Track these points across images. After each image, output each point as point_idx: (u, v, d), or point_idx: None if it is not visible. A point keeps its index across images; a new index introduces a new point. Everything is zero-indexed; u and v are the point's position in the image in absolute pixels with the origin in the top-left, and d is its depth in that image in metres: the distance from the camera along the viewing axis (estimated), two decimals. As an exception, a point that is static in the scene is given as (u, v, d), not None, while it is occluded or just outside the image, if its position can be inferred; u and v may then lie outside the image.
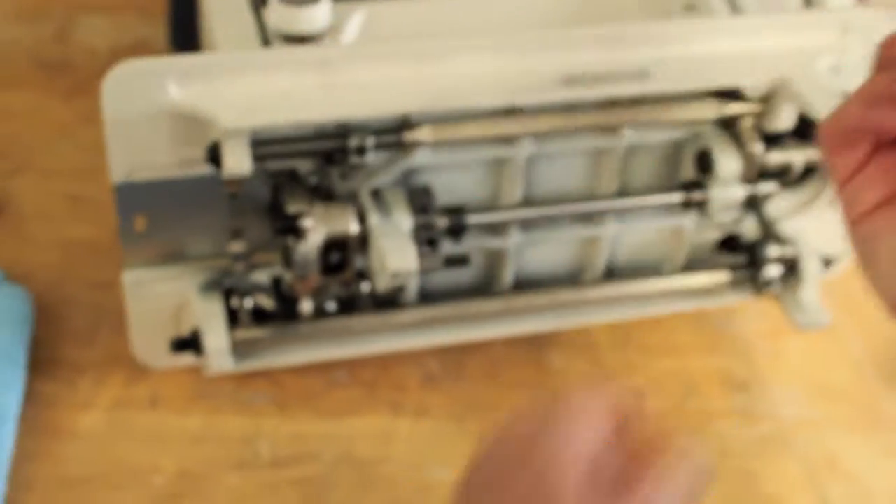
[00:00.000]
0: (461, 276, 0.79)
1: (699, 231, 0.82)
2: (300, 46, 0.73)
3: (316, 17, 0.75)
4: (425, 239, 0.72)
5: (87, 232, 0.88)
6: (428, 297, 0.79)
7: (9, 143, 0.96)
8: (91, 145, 0.95)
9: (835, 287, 0.85)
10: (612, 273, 0.83)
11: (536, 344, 0.83)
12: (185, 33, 1.04)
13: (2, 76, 1.03)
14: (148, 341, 0.77)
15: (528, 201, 0.77)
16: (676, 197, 0.77)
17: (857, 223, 0.52)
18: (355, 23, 0.80)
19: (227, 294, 0.75)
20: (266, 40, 0.77)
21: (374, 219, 0.71)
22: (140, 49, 1.10)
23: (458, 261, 0.74)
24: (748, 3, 0.81)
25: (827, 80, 0.73)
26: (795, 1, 0.85)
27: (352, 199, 0.72)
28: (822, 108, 0.71)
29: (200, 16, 0.86)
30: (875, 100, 0.51)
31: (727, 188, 0.76)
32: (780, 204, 0.81)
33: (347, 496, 0.73)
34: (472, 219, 0.74)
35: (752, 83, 0.74)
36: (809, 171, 0.81)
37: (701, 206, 0.77)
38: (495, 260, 0.80)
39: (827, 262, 0.83)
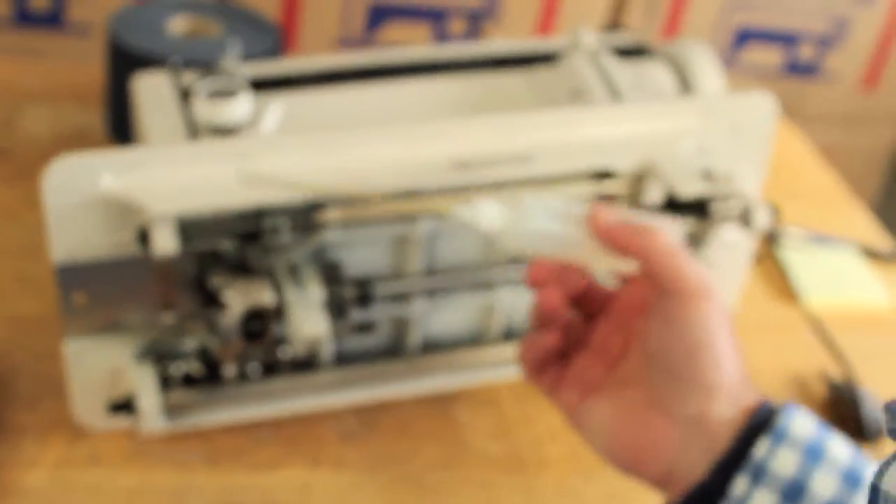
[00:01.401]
0: (373, 339, 0.87)
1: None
2: (220, 140, 0.82)
3: (237, 110, 0.84)
4: (336, 308, 0.79)
5: (33, 307, 0.95)
6: (343, 359, 0.87)
7: (-43, 226, 1.03)
8: (35, 226, 1.02)
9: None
10: (511, 334, 0.91)
11: (444, 400, 0.91)
12: (121, 122, 1.12)
13: (-50, 163, 1.11)
14: (87, 405, 0.83)
15: (430, 271, 0.85)
16: (563, 265, 0.86)
17: (571, 418, 0.71)
18: (275, 112, 0.88)
19: (159, 360, 0.82)
20: (193, 131, 0.85)
21: (289, 291, 0.79)
22: (79, 136, 1.17)
23: (365, 327, 0.82)
24: (627, 90, 0.91)
25: (690, 161, 0.82)
26: (670, 86, 0.95)
27: (269, 273, 0.80)
28: (684, 186, 0.80)
29: (132, 108, 0.93)
30: (531, 337, 0.72)
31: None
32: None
33: (271, 542, 0.80)
34: (379, 289, 0.82)
35: (623, 164, 0.83)
36: (681, 240, 0.90)
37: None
38: (403, 325, 0.88)
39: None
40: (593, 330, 0.71)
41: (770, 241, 1.08)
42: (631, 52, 0.98)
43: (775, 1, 1.84)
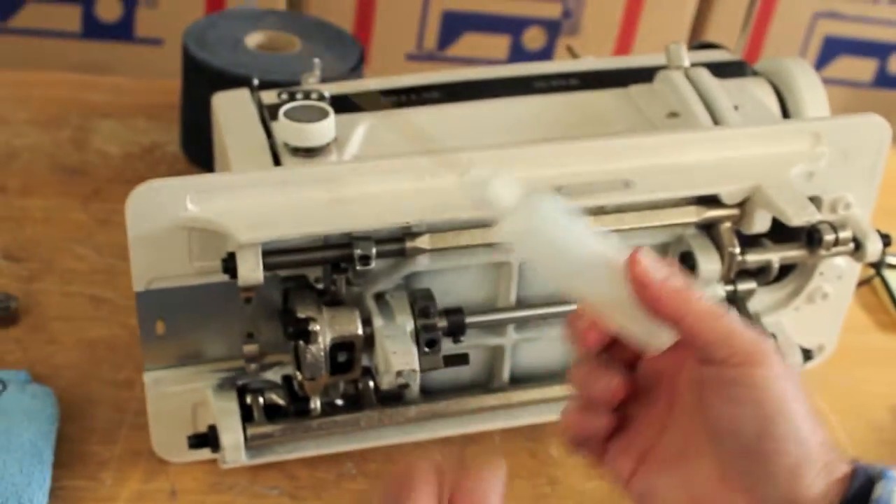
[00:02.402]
0: (462, 371, 0.84)
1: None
2: (307, 164, 0.79)
3: (322, 132, 0.81)
4: (426, 340, 0.76)
5: (107, 332, 0.93)
6: (430, 392, 0.83)
7: (30, 247, 1.01)
8: (108, 247, 1.00)
9: (814, 376, 0.90)
10: (604, 366, 0.87)
11: (534, 435, 0.88)
12: (197, 139, 1.10)
13: (23, 181, 1.09)
14: (167, 437, 0.81)
15: (522, 302, 0.82)
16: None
17: (631, 494, 0.62)
18: (359, 134, 0.85)
19: (241, 392, 0.79)
20: (275, 152, 0.82)
21: (378, 321, 0.76)
22: (153, 153, 1.15)
23: (457, 360, 0.78)
24: (727, 111, 0.87)
25: (799, 187, 0.78)
26: (773, 110, 0.91)
27: (357, 302, 0.77)
28: (794, 213, 0.76)
29: (213, 126, 0.91)
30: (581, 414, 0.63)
31: (709, 287, 0.81)
32: (761, 300, 0.85)
33: (356, 583, 0.77)
34: (471, 320, 0.78)
35: (729, 190, 0.79)
36: (787, 270, 0.86)
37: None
38: (493, 356, 0.84)
39: (807, 354, 0.87)
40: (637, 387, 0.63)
41: (874, 267, 1.04)
42: (727, 71, 0.94)
43: (864, 10, 1.78)
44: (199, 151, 1.11)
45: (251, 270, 0.71)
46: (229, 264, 0.72)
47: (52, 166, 1.12)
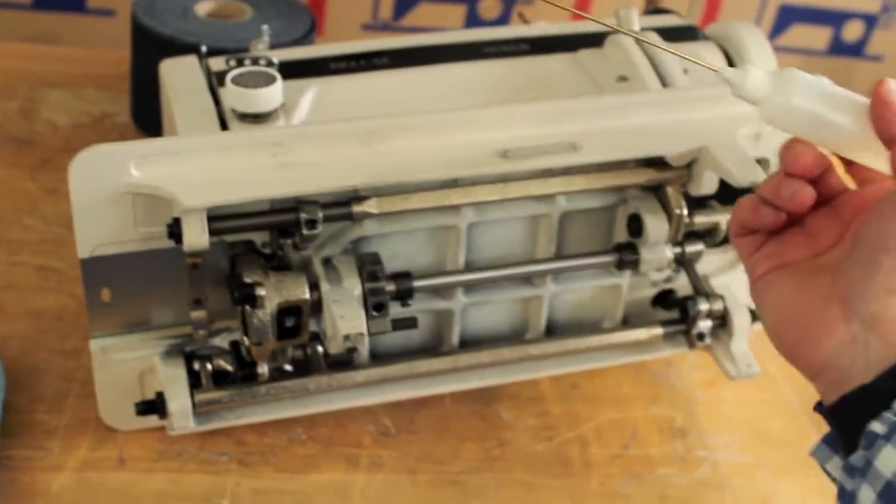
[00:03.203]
0: (410, 336, 0.84)
1: (634, 288, 0.87)
2: (254, 128, 0.78)
3: (269, 98, 0.80)
4: (374, 304, 0.76)
5: (55, 302, 0.92)
6: (379, 356, 0.83)
7: (-22, 217, 1.00)
8: (56, 217, 1.00)
9: (763, 338, 0.90)
10: (555, 329, 0.88)
11: (484, 398, 0.88)
12: (147, 108, 1.09)
13: (-29, 152, 1.08)
14: (114, 405, 0.80)
15: (471, 265, 0.82)
16: (610, 258, 0.82)
17: (753, 284, 0.67)
18: (307, 99, 0.85)
19: (189, 358, 0.79)
20: (223, 118, 0.82)
21: (325, 286, 0.75)
22: (102, 123, 1.14)
23: (406, 324, 0.78)
24: (676, 74, 0.87)
25: (745, 149, 0.78)
26: (719, 71, 0.91)
27: (304, 267, 0.77)
28: (740, 174, 0.76)
29: (161, 93, 0.90)
30: (756, 205, 0.66)
31: (657, 249, 0.81)
32: (709, 262, 0.86)
33: (306, 548, 0.77)
34: (419, 283, 0.78)
35: (675, 152, 0.79)
36: (734, 231, 0.86)
37: (634, 265, 0.82)
38: (442, 320, 0.84)
39: (755, 315, 0.87)
40: (815, 215, 0.66)
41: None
42: (677, 35, 0.94)
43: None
44: (149, 120, 1.10)
45: (197, 236, 0.71)
46: (174, 230, 0.71)
47: (1, 137, 1.11)
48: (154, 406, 0.78)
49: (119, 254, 0.75)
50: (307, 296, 0.75)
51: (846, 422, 0.61)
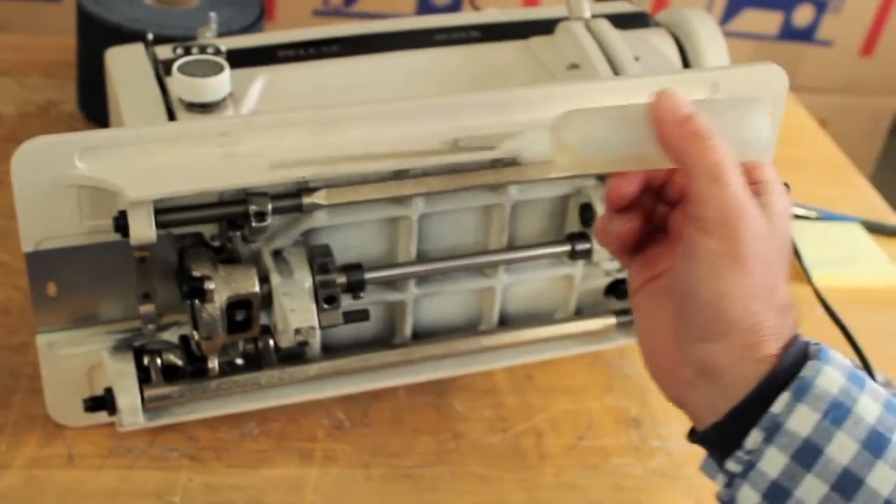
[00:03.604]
0: (363, 328, 0.83)
1: (587, 279, 0.86)
2: (201, 117, 0.77)
3: (216, 87, 0.79)
4: (325, 296, 0.75)
5: (0, 295, 0.90)
6: (331, 349, 0.83)
7: (-79, 208, 0.97)
8: (1, 208, 0.97)
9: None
10: (508, 320, 0.87)
11: (438, 390, 0.87)
12: (93, 97, 1.07)
13: (-87, 142, 1.05)
14: (62, 401, 0.79)
15: (423, 256, 0.81)
16: (563, 248, 0.82)
17: (631, 301, 0.67)
18: (256, 88, 0.83)
19: (138, 353, 0.78)
20: (170, 108, 0.80)
21: (275, 279, 0.75)
22: (49, 112, 1.12)
23: (357, 316, 0.77)
24: (627, 62, 0.86)
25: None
26: (674, 60, 0.91)
27: (254, 260, 0.76)
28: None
29: (107, 82, 0.89)
30: (604, 230, 0.67)
31: (610, 238, 0.81)
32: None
33: (259, 544, 0.76)
34: (370, 275, 0.77)
35: (628, 141, 0.78)
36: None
37: (587, 255, 0.82)
38: (394, 312, 0.84)
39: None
40: (674, 214, 0.66)
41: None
42: (628, 22, 0.93)
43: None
44: (96, 109, 1.08)
45: (143, 229, 0.70)
46: (121, 223, 0.70)
47: (-57, 126, 1.09)
48: (103, 402, 0.76)
49: (65, 247, 0.73)
50: (257, 289, 0.74)
51: (711, 453, 0.62)
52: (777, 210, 0.61)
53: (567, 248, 0.82)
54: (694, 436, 0.63)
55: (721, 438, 0.60)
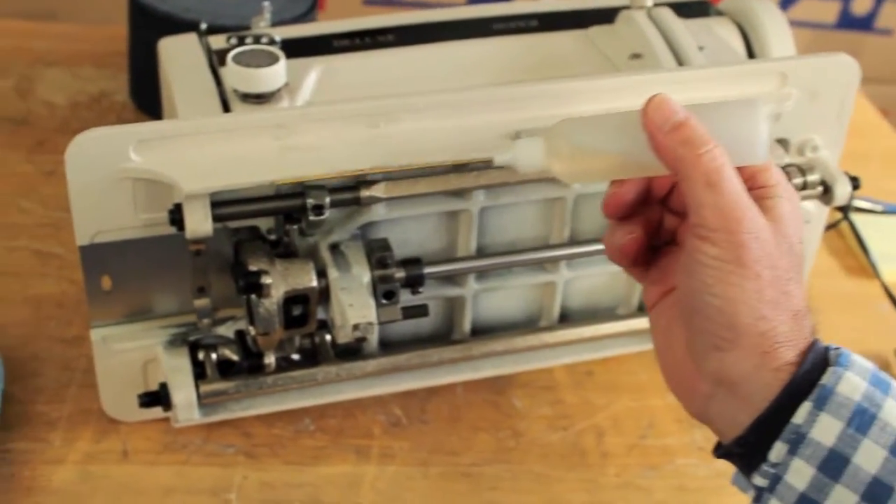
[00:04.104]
0: (421, 324, 0.81)
1: (650, 273, 0.84)
2: (256, 109, 0.75)
3: (272, 77, 0.78)
4: (384, 291, 0.73)
5: (55, 288, 0.90)
6: (389, 345, 0.81)
7: (-27, 201, 0.97)
8: (54, 200, 0.97)
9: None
10: (569, 316, 0.85)
11: (497, 387, 0.85)
12: (145, 87, 1.06)
13: (-36, 133, 1.05)
14: (117, 396, 0.78)
15: (483, 251, 0.79)
16: (627, 242, 0.80)
17: (649, 316, 0.65)
18: (311, 79, 0.82)
19: (193, 348, 0.76)
20: (224, 99, 0.79)
21: (333, 273, 0.73)
22: (100, 102, 1.12)
23: (417, 311, 0.76)
24: (691, 52, 0.84)
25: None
26: (738, 50, 0.88)
27: (311, 254, 0.74)
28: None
29: (160, 73, 0.87)
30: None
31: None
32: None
33: (315, 543, 0.75)
34: (429, 270, 0.76)
35: (694, 132, 0.76)
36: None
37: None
38: (453, 308, 0.82)
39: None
40: (682, 229, 0.64)
41: (841, 210, 1.02)
42: (690, 11, 0.91)
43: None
44: (148, 100, 1.07)
45: (199, 222, 0.69)
46: (176, 216, 0.69)
47: (-5, 117, 1.08)
48: (158, 397, 0.75)
49: (119, 241, 0.72)
50: (314, 284, 0.72)
51: (738, 467, 0.60)
52: (783, 213, 0.59)
53: (630, 242, 0.80)
54: (719, 450, 0.61)
55: (745, 452, 0.58)
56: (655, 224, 0.64)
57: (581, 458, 0.81)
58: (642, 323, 0.84)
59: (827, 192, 0.80)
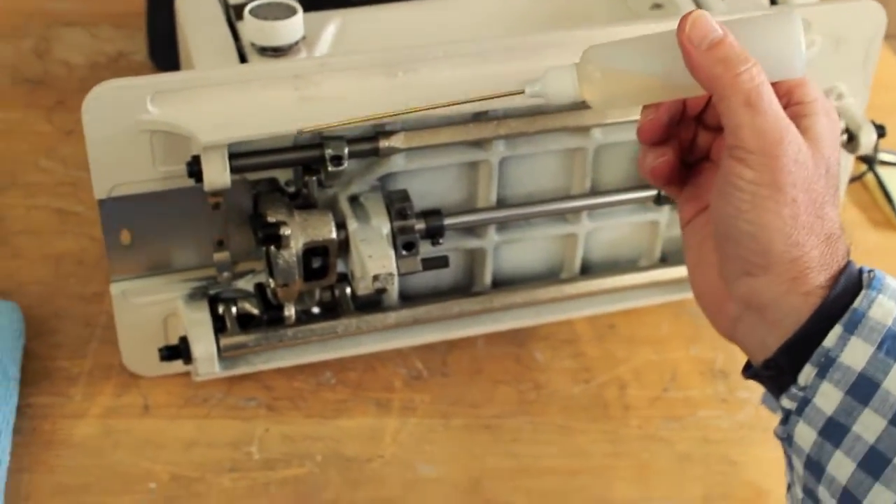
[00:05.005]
0: (442, 276, 0.81)
1: (673, 224, 0.83)
2: (274, 61, 0.75)
3: (289, 30, 0.77)
4: (404, 242, 0.73)
5: (75, 245, 0.90)
6: (409, 297, 0.81)
7: (-8, 160, 0.97)
8: (73, 159, 0.97)
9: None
10: (591, 268, 0.85)
11: (517, 339, 0.85)
12: (164, 46, 1.05)
13: (-18, 94, 1.05)
14: (137, 350, 0.78)
15: (503, 202, 0.79)
16: (648, 193, 0.79)
17: (682, 234, 0.64)
18: (329, 32, 0.81)
19: (213, 302, 0.76)
20: (242, 53, 0.78)
21: (353, 224, 0.73)
22: (119, 63, 1.11)
23: (437, 263, 0.75)
24: (713, 2, 0.83)
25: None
26: (762, -2, 0.87)
27: (331, 205, 0.74)
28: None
29: (177, 28, 0.87)
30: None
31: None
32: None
33: (337, 495, 0.74)
34: (450, 221, 0.75)
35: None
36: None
37: (673, 201, 0.79)
38: (474, 260, 0.81)
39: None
40: (717, 146, 0.63)
41: (866, 162, 1.01)
42: (712, -42, 0.90)
43: None
44: (167, 60, 1.06)
45: (217, 174, 0.68)
46: (194, 168, 0.69)
47: (14, 78, 1.08)
48: (178, 351, 0.76)
49: (138, 194, 0.72)
50: (334, 235, 0.72)
51: (767, 388, 0.60)
52: (821, 131, 0.57)
53: (652, 192, 0.79)
54: (748, 371, 0.60)
55: (774, 375, 0.58)
56: (688, 143, 0.63)
57: (603, 411, 0.81)
58: (664, 274, 0.83)
59: (852, 141, 0.79)
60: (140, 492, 0.74)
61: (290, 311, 0.76)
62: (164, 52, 1.08)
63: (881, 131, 0.79)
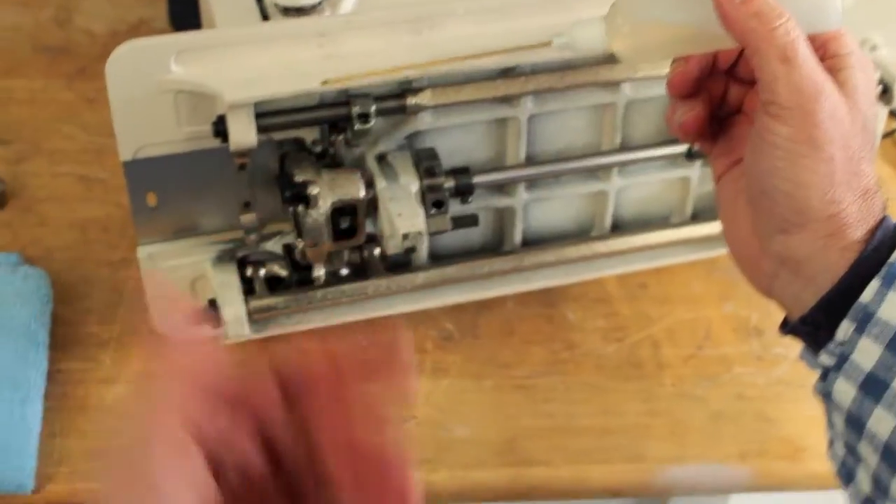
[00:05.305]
0: (471, 235, 0.80)
1: (705, 180, 0.82)
2: (298, 18, 0.74)
3: (313, -11, 0.76)
4: (433, 201, 0.72)
5: (100, 212, 0.89)
6: (438, 257, 0.80)
7: (15, 128, 0.96)
8: (96, 126, 0.96)
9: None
10: (621, 225, 0.83)
11: (549, 299, 0.84)
12: (186, 12, 1.05)
13: (4, 62, 1.04)
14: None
15: (532, 159, 0.78)
16: (679, 148, 0.78)
17: (716, 188, 0.62)
18: (352, -8, 0.80)
19: (241, 264, 0.76)
20: (264, 14, 0.77)
21: (381, 183, 0.72)
22: (140, 30, 1.10)
23: (466, 221, 0.75)
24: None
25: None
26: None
27: (358, 164, 0.73)
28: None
29: (200, -8, 0.86)
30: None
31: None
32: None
33: (370, 457, 0.74)
34: (479, 179, 0.74)
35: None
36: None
37: (704, 155, 0.78)
38: (503, 218, 0.80)
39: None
40: (750, 99, 0.61)
41: (897, 116, 0.99)
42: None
43: None
44: (188, 26, 1.05)
45: (243, 133, 0.67)
46: (220, 127, 0.68)
47: (35, 46, 1.07)
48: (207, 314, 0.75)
49: (163, 155, 0.71)
50: (362, 194, 0.71)
51: (806, 343, 0.59)
52: (856, 84, 0.56)
53: (683, 148, 0.78)
54: (785, 327, 0.60)
55: (811, 330, 0.57)
56: (719, 96, 0.62)
57: (636, 370, 0.80)
58: (696, 231, 0.82)
59: (886, 93, 0.78)
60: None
61: (319, 272, 0.75)
62: (184, 19, 1.07)
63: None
